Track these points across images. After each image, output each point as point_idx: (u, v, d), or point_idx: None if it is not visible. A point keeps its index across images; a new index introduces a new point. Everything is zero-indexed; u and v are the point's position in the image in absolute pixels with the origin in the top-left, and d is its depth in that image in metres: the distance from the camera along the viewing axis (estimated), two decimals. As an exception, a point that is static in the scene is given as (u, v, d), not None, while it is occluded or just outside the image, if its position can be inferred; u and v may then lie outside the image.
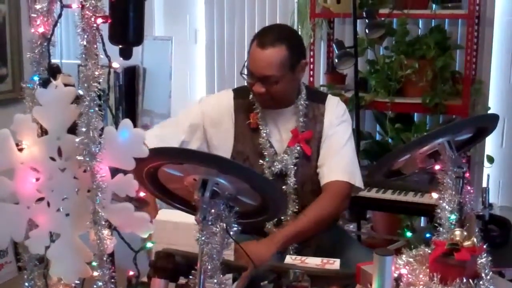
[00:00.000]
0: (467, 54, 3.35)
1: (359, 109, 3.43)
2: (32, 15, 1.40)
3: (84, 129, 1.31)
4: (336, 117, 2.26)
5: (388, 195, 2.89)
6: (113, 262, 1.41)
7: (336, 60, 3.39)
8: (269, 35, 2.15)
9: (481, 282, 1.45)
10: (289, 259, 1.83)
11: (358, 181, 2.24)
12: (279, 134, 2.25)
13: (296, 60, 2.17)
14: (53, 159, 1.39)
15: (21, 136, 1.39)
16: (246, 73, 2.19)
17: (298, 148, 2.21)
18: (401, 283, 1.48)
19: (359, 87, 3.43)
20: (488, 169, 3.45)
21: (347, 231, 2.82)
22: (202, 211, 1.35)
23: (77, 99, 1.34)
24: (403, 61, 3.42)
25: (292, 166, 2.20)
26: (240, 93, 2.32)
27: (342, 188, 2.19)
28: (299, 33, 3.88)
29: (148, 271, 1.55)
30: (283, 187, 2.18)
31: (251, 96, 2.26)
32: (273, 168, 2.20)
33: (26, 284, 1.48)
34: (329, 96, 2.33)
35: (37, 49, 1.41)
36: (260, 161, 2.21)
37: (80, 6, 1.31)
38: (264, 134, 2.23)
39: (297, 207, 2.19)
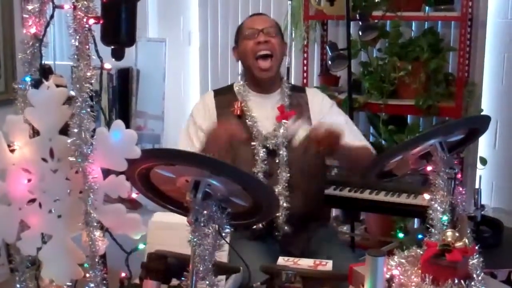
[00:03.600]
0: (460, 56, 3.35)
1: (353, 111, 3.43)
2: (24, 15, 1.40)
3: (76, 130, 1.31)
4: (325, 102, 2.42)
5: (381, 197, 2.88)
6: (105, 263, 1.41)
7: (330, 62, 3.40)
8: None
9: (472, 283, 1.46)
10: (281, 260, 1.83)
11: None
12: (266, 118, 2.31)
13: (281, 34, 2.39)
14: (45, 160, 1.39)
15: (13, 137, 1.39)
16: (243, 38, 2.33)
17: (286, 124, 2.29)
18: (393, 284, 1.49)
19: (352, 89, 3.43)
20: (481, 170, 3.46)
21: (334, 232, 2.81)
22: (194, 212, 1.35)
23: (69, 100, 1.34)
24: (396, 63, 3.43)
25: (283, 140, 2.27)
26: (220, 91, 2.45)
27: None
28: (293, 35, 3.90)
29: (140, 273, 1.54)
30: (276, 159, 2.25)
31: (236, 87, 2.36)
32: (264, 149, 2.26)
33: (18, 285, 1.48)
34: (307, 87, 2.54)
35: (29, 50, 1.41)
36: (252, 143, 2.26)
37: (72, 7, 1.31)
38: (250, 121, 2.29)
39: (288, 179, 2.24)
